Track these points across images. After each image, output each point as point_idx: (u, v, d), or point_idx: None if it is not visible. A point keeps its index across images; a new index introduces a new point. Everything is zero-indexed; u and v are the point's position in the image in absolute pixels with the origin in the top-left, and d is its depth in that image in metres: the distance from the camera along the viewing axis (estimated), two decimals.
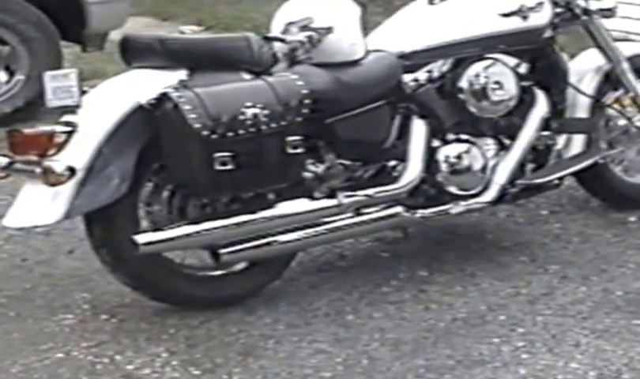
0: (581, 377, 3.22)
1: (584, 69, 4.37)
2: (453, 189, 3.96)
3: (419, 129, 3.94)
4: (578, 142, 4.27)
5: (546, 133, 4.17)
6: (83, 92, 3.48)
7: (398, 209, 3.84)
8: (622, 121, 4.42)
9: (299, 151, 3.54)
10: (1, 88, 5.88)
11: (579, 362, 3.30)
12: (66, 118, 3.46)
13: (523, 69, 4.20)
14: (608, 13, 4.31)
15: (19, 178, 3.55)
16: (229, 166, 3.41)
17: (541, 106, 4.16)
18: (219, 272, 3.70)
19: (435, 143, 3.97)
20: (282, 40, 3.80)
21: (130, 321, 3.62)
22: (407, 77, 3.98)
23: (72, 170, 3.38)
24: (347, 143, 3.78)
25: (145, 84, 3.51)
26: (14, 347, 3.48)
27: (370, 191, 3.77)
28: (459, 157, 3.97)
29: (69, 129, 3.43)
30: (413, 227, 4.12)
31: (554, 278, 3.90)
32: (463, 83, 4.03)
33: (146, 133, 3.49)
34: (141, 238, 3.45)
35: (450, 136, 4.01)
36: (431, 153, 3.94)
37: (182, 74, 3.53)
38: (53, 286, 3.91)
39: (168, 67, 3.55)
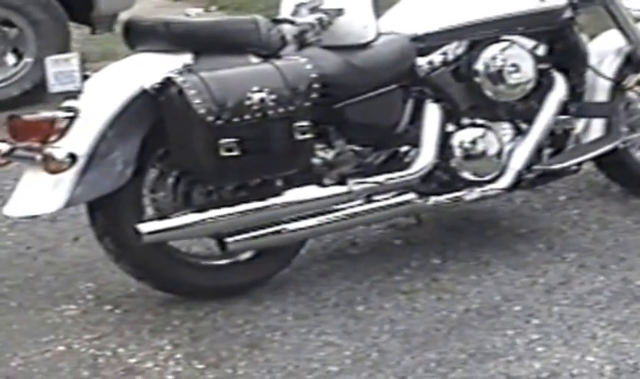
0: (597, 372, 3.11)
1: (604, 50, 4.25)
2: (467, 175, 3.85)
3: (432, 113, 3.83)
4: (598, 126, 4.15)
5: (564, 117, 4.06)
6: (85, 77, 3.40)
7: (410, 196, 3.73)
8: None
9: (307, 136, 3.44)
10: (10, 70, 5.82)
11: (595, 355, 3.19)
12: (68, 103, 3.37)
13: (541, 51, 4.07)
14: None
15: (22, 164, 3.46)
16: (235, 153, 3.32)
17: (559, 90, 4.03)
18: (225, 261, 3.61)
19: (449, 128, 3.86)
20: (291, 22, 3.70)
21: (134, 312, 3.53)
22: (421, 60, 3.87)
23: (73, 157, 3.29)
24: (357, 128, 3.68)
25: (149, 69, 3.42)
26: (14, 339, 3.40)
27: (381, 178, 3.66)
28: (474, 142, 3.85)
29: (70, 114, 3.34)
30: (427, 213, 4.02)
31: (571, 266, 3.78)
32: (479, 66, 3.91)
33: (150, 119, 3.40)
34: (144, 227, 3.36)
35: (465, 121, 3.90)
36: (444, 138, 3.83)
37: (187, 58, 3.44)
38: (57, 275, 3.83)
39: (173, 51, 3.46)
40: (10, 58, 5.84)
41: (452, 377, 3.11)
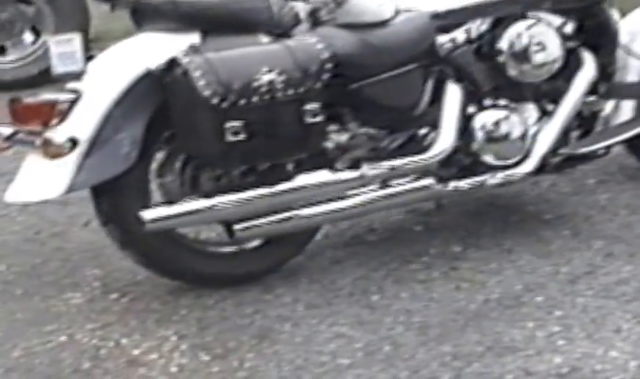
0: (620, 368, 2.95)
1: (636, 28, 4.07)
2: (489, 159, 3.69)
3: (453, 94, 3.68)
4: (628, 108, 3.99)
5: (593, 98, 3.90)
6: (90, 58, 3.30)
7: (429, 181, 3.58)
8: None
9: (318, 119, 3.30)
10: (28, 49, 5.75)
11: (619, 349, 3.04)
12: (71, 85, 3.27)
13: (569, 28, 3.90)
14: None
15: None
16: (241, 137, 3.19)
17: (588, 69, 3.86)
18: (234, 248, 3.48)
19: (471, 109, 3.70)
20: (305, 0, 3.56)
21: (141, 301, 3.43)
22: (441, 38, 3.71)
23: (74, 141, 3.18)
24: (373, 110, 3.54)
25: (155, 49, 3.31)
26: (16, 328, 3.32)
27: (396, 162, 3.52)
28: (496, 124, 3.69)
29: (72, 97, 3.23)
30: (448, 199, 3.87)
31: (597, 255, 3.62)
32: (502, 44, 3.75)
33: (155, 100, 3.30)
34: (147, 215, 3.25)
35: (487, 102, 3.74)
36: (465, 120, 3.67)
37: (194, 38, 3.33)
38: (64, 261, 3.75)
39: (181, 30, 3.34)
40: (28, 36, 5.76)
41: (468, 372, 2.98)
